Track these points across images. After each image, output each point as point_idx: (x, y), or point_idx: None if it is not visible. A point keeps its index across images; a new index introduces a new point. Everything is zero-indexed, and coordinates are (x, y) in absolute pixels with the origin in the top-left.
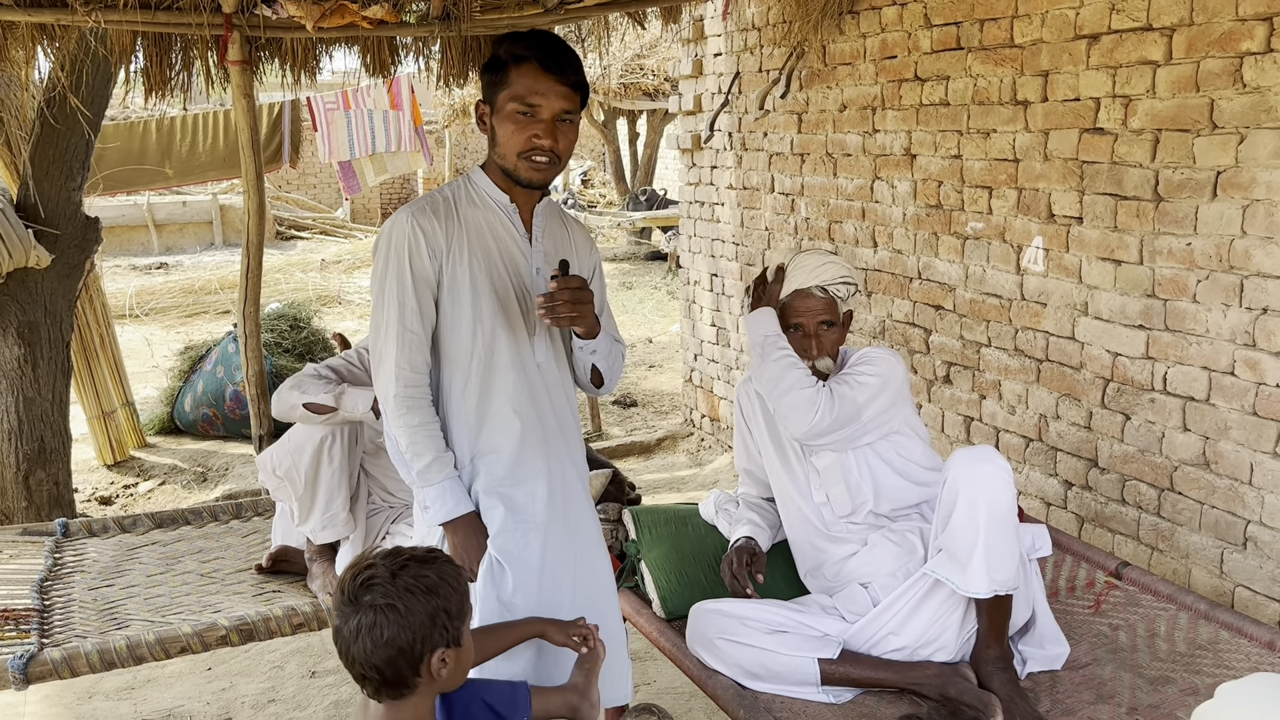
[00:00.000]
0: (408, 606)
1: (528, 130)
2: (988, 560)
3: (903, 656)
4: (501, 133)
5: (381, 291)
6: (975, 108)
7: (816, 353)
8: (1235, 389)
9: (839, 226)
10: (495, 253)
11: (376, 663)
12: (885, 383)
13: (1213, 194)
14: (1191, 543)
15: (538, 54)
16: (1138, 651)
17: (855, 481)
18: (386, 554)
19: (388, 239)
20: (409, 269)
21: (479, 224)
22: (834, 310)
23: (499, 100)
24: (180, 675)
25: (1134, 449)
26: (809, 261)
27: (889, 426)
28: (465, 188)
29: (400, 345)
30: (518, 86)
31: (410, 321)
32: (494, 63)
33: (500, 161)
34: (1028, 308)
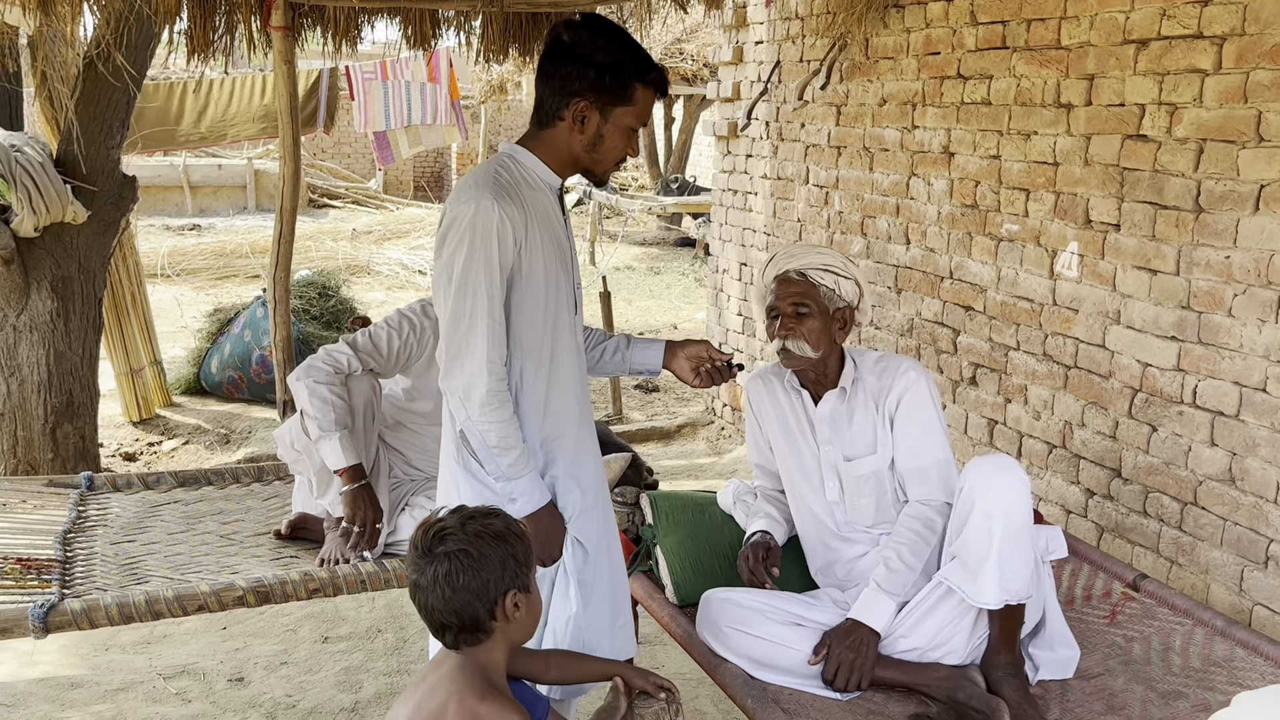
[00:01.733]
0: (479, 551)
1: (632, 143)
2: (1000, 571)
3: (913, 658)
4: (612, 142)
5: (465, 281)
6: (1017, 108)
7: (785, 333)
8: (1266, 406)
9: (872, 222)
10: (551, 237)
11: (455, 607)
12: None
13: (1255, 207)
14: (1212, 558)
15: (660, 80)
16: (1151, 664)
17: (887, 502)
18: (453, 510)
19: (472, 225)
20: (496, 259)
21: (538, 207)
22: (814, 296)
23: (616, 114)
24: (196, 633)
25: (1159, 461)
26: (794, 249)
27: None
28: (515, 169)
29: (490, 337)
30: (641, 107)
31: (497, 313)
32: (618, 72)
33: (592, 165)
34: (1059, 313)
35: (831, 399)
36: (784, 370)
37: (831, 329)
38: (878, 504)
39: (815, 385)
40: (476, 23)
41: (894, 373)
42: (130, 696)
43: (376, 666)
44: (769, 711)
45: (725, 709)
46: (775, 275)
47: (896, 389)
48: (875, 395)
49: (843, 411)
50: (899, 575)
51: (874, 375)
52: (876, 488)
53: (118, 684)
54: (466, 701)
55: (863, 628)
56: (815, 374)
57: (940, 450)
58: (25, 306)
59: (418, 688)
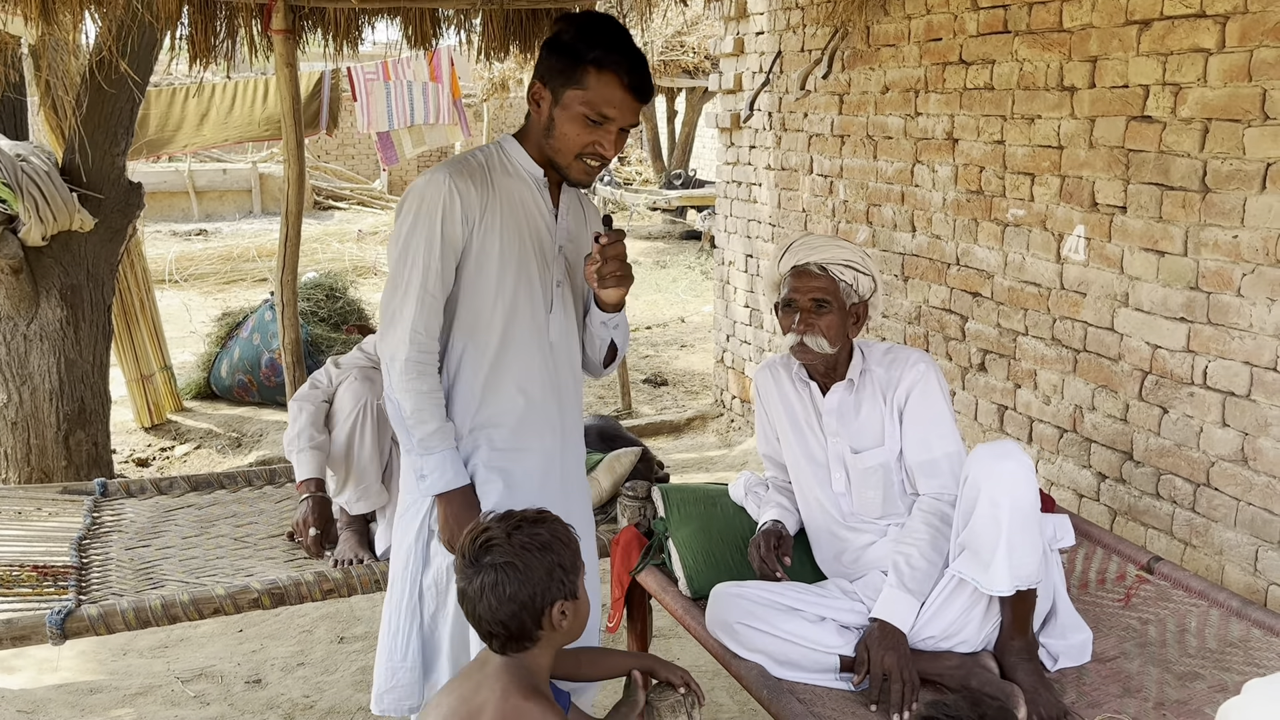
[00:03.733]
0: (525, 563)
1: (593, 136)
2: (1010, 558)
3: (926, 647)
4: (563, 129)
5: (406, 250)
6: (1020, 93)
7: (803, 328)
8: (1278, 385)
9: (877, 210)
10: (525, 225)
11: (501, 618)
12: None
13: (1262, 186)
14: (1226, 539)
15: (624, 69)
16: (1167, 646)
17: (894, 494)
18: (500, 517)
19: (420, 196)
20: (439, 231)
21: (512, 194)
22: (833, 291)
23: (567, 96)
24: (212, 636)
25: (1170, 443)
26: (813, 240)
27: None
28: (498, 155)
29: (419, 307)
30: (595, 94)
31: (432, 285)
32: (569, 52)
33: (551, 153)
34: (1067, 297)
35: (839, 391)
36: (792, 361)
37: (846, 324)
38: (885, 496)
39: (824, 377)
40: (477, 21)
41: (903, 365)
42: (149, 700)
43: None
44: (785, 702)
45: (741, 700)
46: (793, 266)
47: (905, 381)
48: (884, 387)
49: (850, 403)
50: (920, 573)
51: (882, 367)
52: (884, 480)
53: (136, 688)
54: (510, 701)
55: (890, 627)
56: (825, 366)
57: (951, 443)
58: (35, 315)
59: (460, 684)
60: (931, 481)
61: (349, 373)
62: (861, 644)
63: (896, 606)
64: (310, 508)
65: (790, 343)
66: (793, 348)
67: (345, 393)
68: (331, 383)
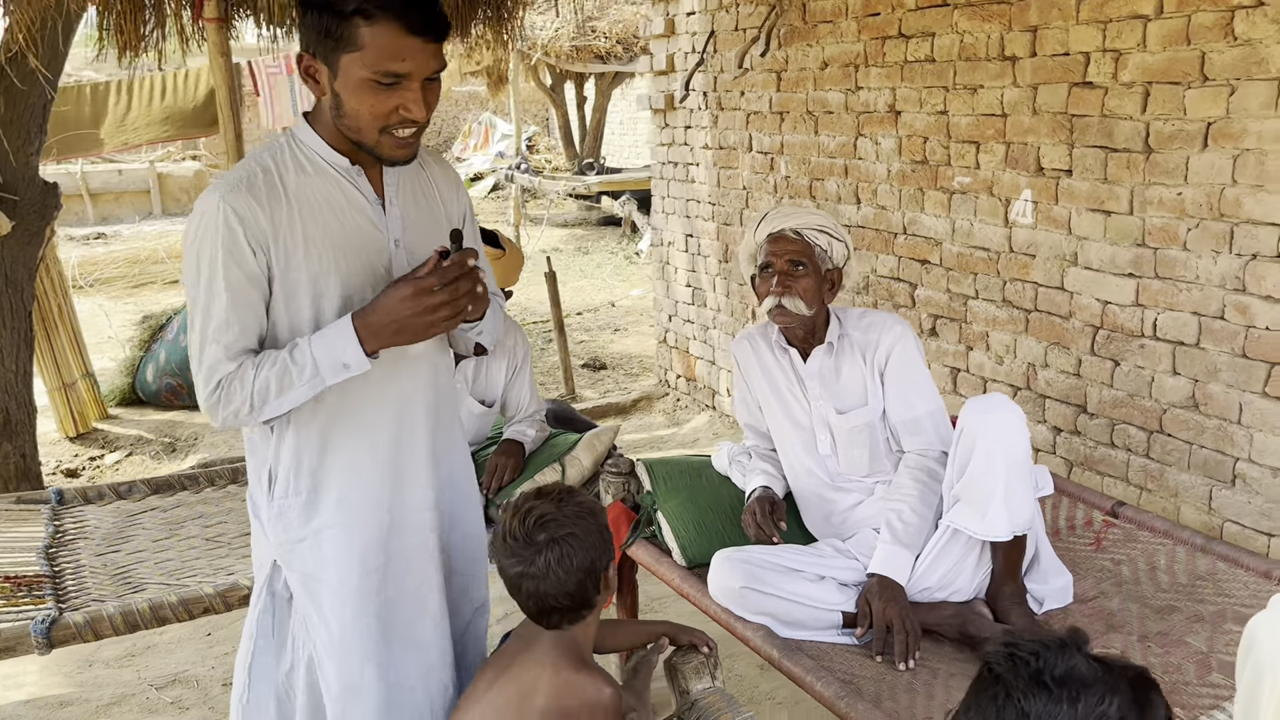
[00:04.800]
0: (584, 530)
1: (391, 102)
2: (1008, 504)
3: (921, 599)
4: (352, 103)
5: (195, 298)
6: (962, 64)
7: (781, 290)
8: (1225, 333)
9: (820, 184)
10: (338, 232)
11: (569, 589)
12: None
13: (1203, 144)
14: (1181, 481)
15: (397, 10)
16: (1141, 584)
17: (880, 452)
18: (537, 494)
19: (197, 233)
20: (221, 272)
21: (313, 198)
22: (809, 255)
23: (342, 63)
24: (180, 641)
25: (1123, 394)
26: (787, 209)
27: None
28: (291, 150)
29: (213, 354)
30: (373, 52)
31: (221, 335)
32: (328, 9)
33: (352, 135)
34: (1016, 260)
35: (819, 355)
36: (770, 330)
37: (822, 288)
38: (871, 454)
39: (803, 343)
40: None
41: (880, 328)
42: (124, 710)
43: None
44: (797, 659)
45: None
46: (769, 233)
47: (885, 343)
48: (863, 349)
49: (831, 367)
50: (912, 527)
51: (859, 330)
52: (870, 439)
53: (109, 698)
54: (563, 675)
55: (889, 581)
56: (803, 331)
57: (932, 401)
58: None
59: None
60: (915, 439)
61: None
62: (862, 598)
63: (893, 561)
64: None
65: (769, 306)
66: (771, 310)
67: None
68: None
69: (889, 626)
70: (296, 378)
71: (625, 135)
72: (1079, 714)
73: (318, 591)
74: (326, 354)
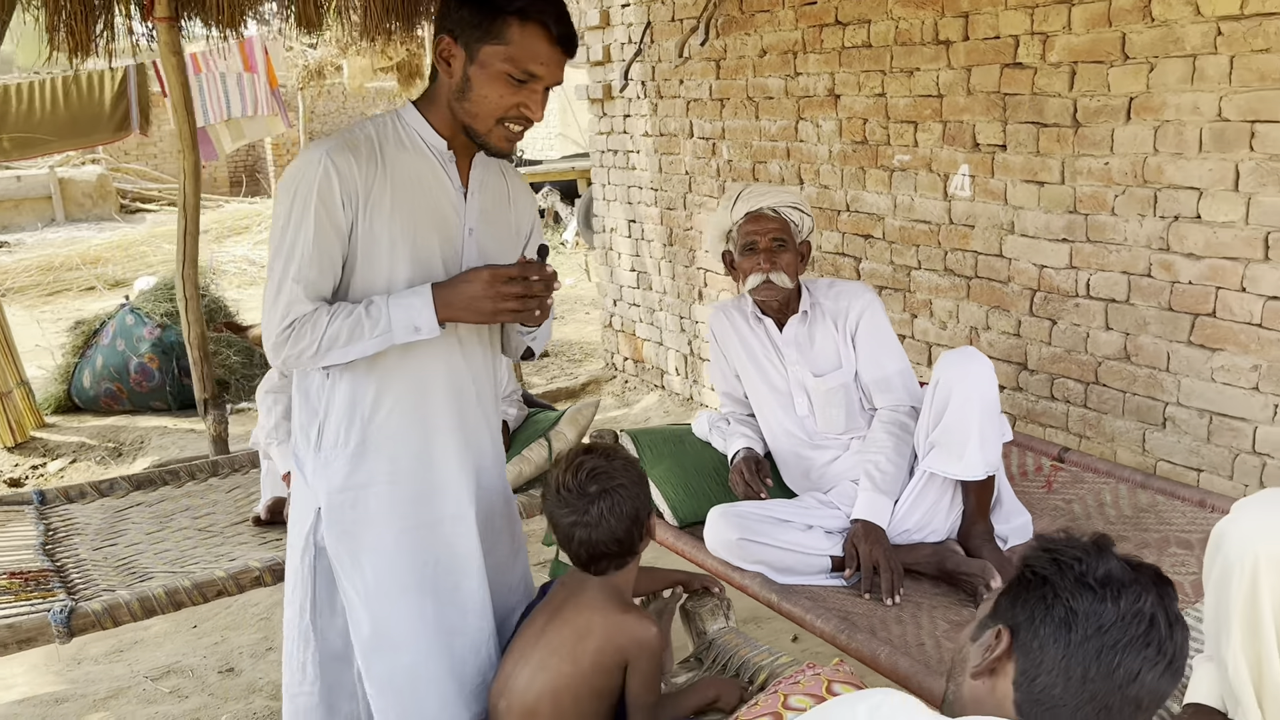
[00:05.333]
0: (630, 481)
1: (517, 98)
2: (983, 446)
3: (901, 541)
4: (481, 90)
5: (280, 239)
6: (898, 49)
7: (768, 266)
8: (1152, 288)
9: (763, 166)
10: (422, 206)
11: (619, 535)
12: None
13: (1127, 117)
14: (1116, 427)
15: (551, 20)
16: (1091, 519)
17: (855, 410)
18: (586, 449)
19: (295, 177)
20: (313, 215)
21: (406, 172)
22: (787, 231)
23: (485, 53)
24: (167, 635)
25: (1061, 350)
26: (760, 188)
27: None
28: (394, 126)
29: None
30: (518, 49)
31: (306, 273)
32: (485, 1)
33: (468, 119)
34: (956, 230)
35: (795, 324)
36: (743, 303)
37: (798, 261)
38: (847, 413)
39: (777, 313)
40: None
41: (849, 295)
42: (123, 702)
43: None
44: (795, 601)
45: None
46: (748, 212)
47: (855, 309)
48: (834, 316)
49: (805, 334)
50: (889, 476)
51: (829, 299)
52: (845, 399)
53: (105, 692)
54: (613, 617)
55: (871, 525)
56: (779, 303)
57: (900, 360)
58: None
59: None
60: (887, 396)
61: None
62: (848, 542)
63: (874, 506)
64: None
65: (755, 282)
66: (757, 287)
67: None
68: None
69: (875, 567)
70: (369, 331)
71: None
72: (1120, 611)
73: (357, 543)
74: (403, 314)
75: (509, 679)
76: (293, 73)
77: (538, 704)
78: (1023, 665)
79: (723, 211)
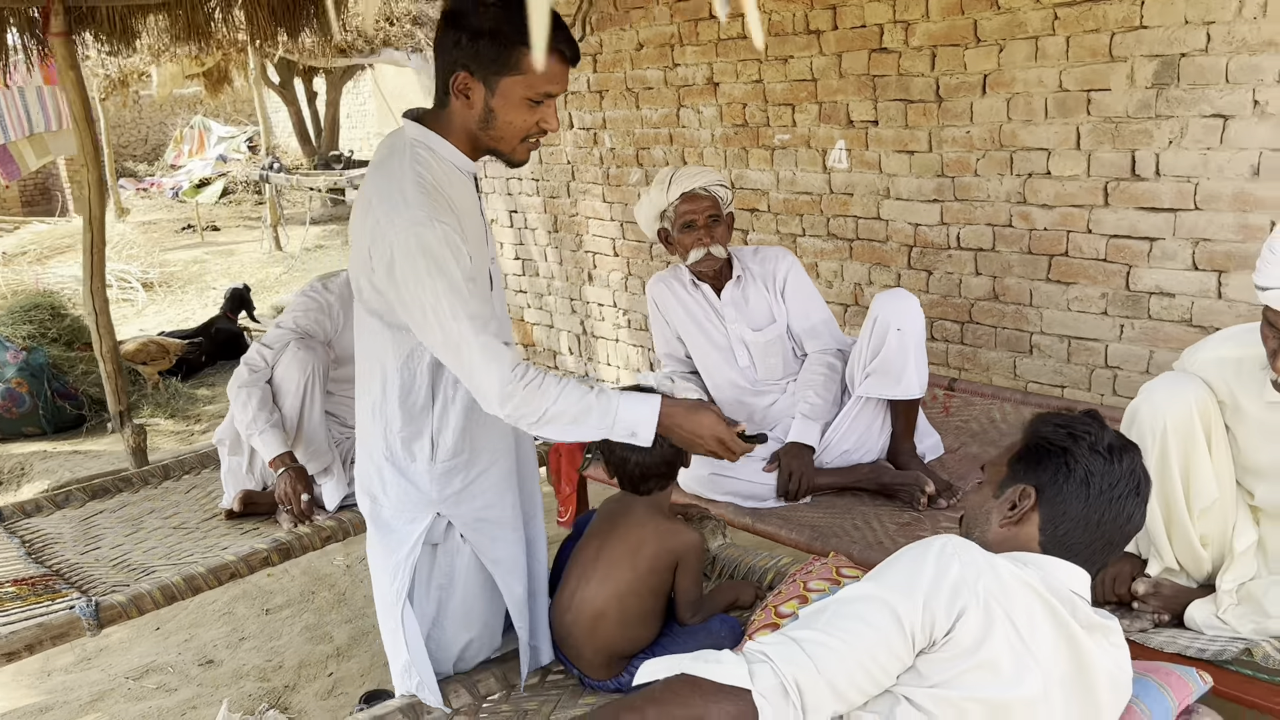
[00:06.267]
0: None
1: (536, 116)
2: (918, 370)
3: (842, 461)
4: (505, 117)
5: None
6: (772, 39)
7: (708, 240)
8: (1013, 236)
9: (646, 152)
10: (471, 227)
11: (669, 458)
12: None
13: (983, 92)
14: (990, 358)
15: (563, 44)
16: (987, 433)
17: (790, 358)
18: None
19: (423, 255)
20: (457, 276)
21: (465, 202)
22: (718, 207)
23: (503, 85)
24: (132, 639)
25: (938, 296)
26: (689, 171)
27: None
28: (433, 163)
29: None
30: (535, 77)
31: (480, 313)
32: (498, 37)
33: (492, 143)
34: (837, 199)
35: (730, 288)
36: (679, 272)
37: (729, 232)
38: (783, 360)
39: (713, 280)
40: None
41: (774, 259)
42: (110, 703)
43: (332, 619)
44: (767, 520)
45: None
46: (683, 193)
47: (781, 270)
48: (763, 278)
49: (740, 296)
50: (818, 407)
51: (756, 264)
52: (781, 348)
53: (88, 696)
54: (661, 526)
55: (801, 445)
56: (714, 270)
57: (824, 310)
58: None
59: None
60: (815, 342)
61: (283, 344)
62: (776, 455)
63: (804, 431)
64: (293, 478)
65: (698, 256)
66: (700, 259)
67: (290, 363)
68: (268, 363)
69: (790, 474)
70: (595, 421)
71: (356, 128)
72: (1122, 470)
73: (490, 523)
74: (630, 418)
75: (574, 594)
76: (93, 83)
77: (605, 607)
78: (1047, 515)
79: (657, 194)
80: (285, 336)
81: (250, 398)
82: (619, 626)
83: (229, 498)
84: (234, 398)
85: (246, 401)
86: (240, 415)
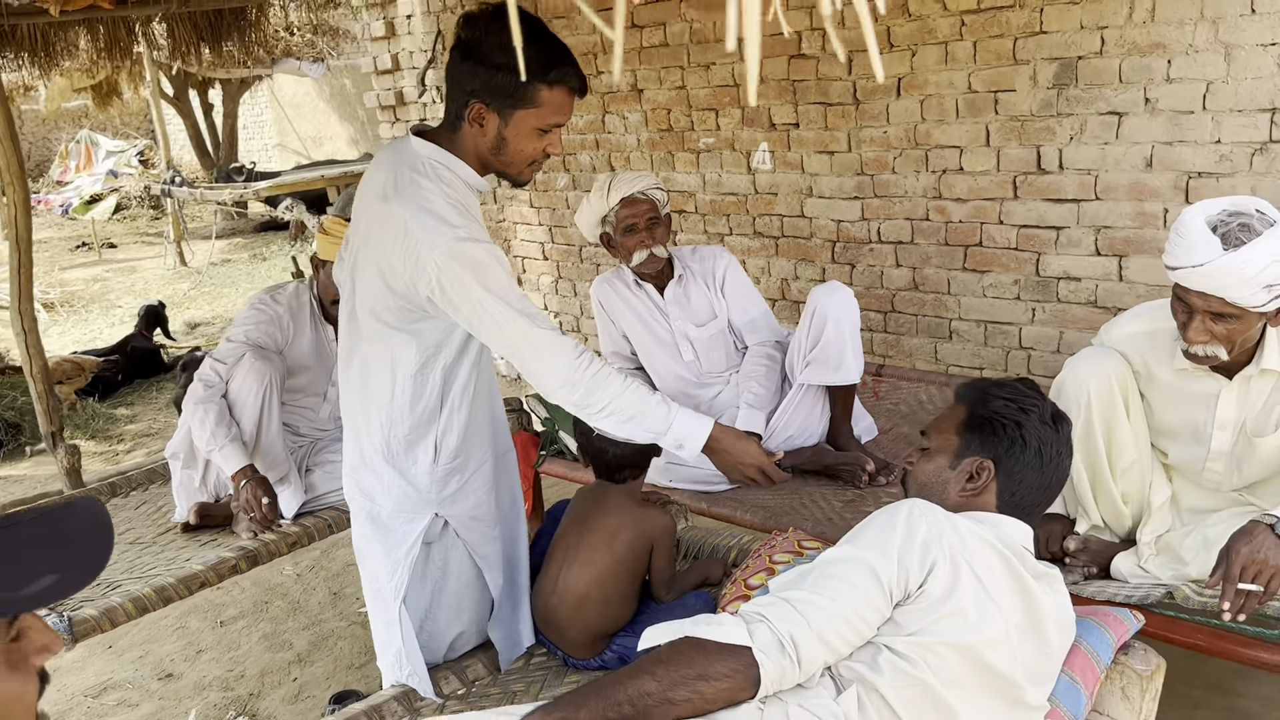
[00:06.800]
0: None
1: (544, 143)
2: (855, 356)
3: (788, 446)
4: (517, 145)
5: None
6: (694, 46)
7: (650, 242)
8: (931, 229)
9: (573, 158)
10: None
11: (644, 449)
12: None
13: (898, 94)
14: (912, 345)
15: (574, 79)
16: (916, 414)
17: (732, 351)
18: None
19: (476, 264)
20: (510, 284)
21: (478, 215)
22: (656, 210)
23: (517, 117)
24: (85, 659)
25: (861, 288)
26: (627, 176)
27: None
28: (454, 182)
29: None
30: (548, 109)
31: (546, 323)
32: (513, 72)
33: (502, 167)
34: (762, 199)
35: (673, 286)
36: (622, 273)
37: (668, 232)
38: (726, 354)
39: (656, 280)
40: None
41: (712, 258)
42: None
43: (289, 626)
44: (721, 503)
45: None
46: (622, 198)
47: (719, 268)
48: (703, 276)
49: (682, 294)
50: (761, 396)
51: (696, 263)
52: (724, 343)
53: (52, 716)
54: (636, 511)
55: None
56: (656, 270)
57: (761, 304)
58: None
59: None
60: (755, 335)
61: (237, 357)
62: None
63: (750, 419)
64: (255, 488)
65: (641, 258)
66: (644, 261)
67: (248, 374)
68: (222, 377)
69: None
70: (652, 425)
71: (253, 139)
72: (1064, 436)
73: (480, 520)
74: (683, 431)
75: (557, 579)
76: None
77: (588, 590)
78: (1004, 483)
79: (598, 200)
80: (238, 350)
81: (208, 414)
82: (601, 607)
83: (182, 511)
84: (189, 413)
85: (204, 418)
86: (198, 431)
